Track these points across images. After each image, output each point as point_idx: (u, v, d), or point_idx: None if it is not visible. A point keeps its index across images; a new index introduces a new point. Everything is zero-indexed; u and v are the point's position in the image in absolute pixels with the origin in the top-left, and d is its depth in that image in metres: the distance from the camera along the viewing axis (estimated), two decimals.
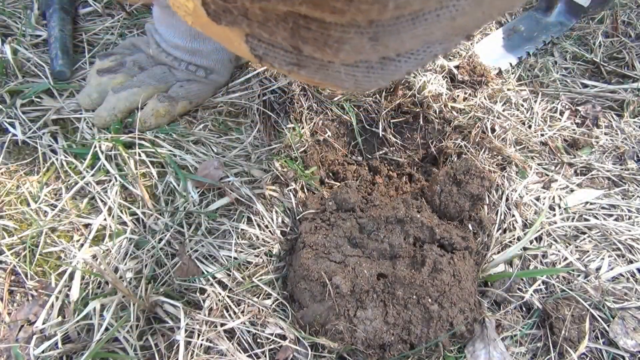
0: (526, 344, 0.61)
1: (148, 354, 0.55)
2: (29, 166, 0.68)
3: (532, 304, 0.63)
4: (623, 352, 0.59)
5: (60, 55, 0.75)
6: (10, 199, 0.65)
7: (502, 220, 0.70)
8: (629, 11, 1.04)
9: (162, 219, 0.63)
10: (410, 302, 0.57)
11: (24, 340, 0.56)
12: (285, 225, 0.67)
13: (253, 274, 0.62)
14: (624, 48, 0.97)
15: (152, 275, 0.60)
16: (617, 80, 0.93)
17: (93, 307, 0.57)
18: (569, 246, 0.68)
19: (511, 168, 0.76)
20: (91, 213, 0.65)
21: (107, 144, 0.68)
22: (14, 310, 0.59)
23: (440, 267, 0.59)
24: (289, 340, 0.57)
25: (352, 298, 0.58)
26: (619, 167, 0.79)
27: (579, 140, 0.81)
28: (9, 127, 0.70)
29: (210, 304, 0.59)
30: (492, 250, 0.66)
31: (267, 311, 0.59)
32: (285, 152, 0.74)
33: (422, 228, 0.63)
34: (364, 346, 0.56)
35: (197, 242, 0.63)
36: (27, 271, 0.60)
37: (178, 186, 0.66)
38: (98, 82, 0.72)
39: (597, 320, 0.61)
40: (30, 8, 0.84)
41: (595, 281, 0.64)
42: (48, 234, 0.62)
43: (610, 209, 0.73)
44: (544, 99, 0.88)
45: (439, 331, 0.57)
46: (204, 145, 0.72)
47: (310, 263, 0.59)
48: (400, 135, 0.85)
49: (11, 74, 0.75)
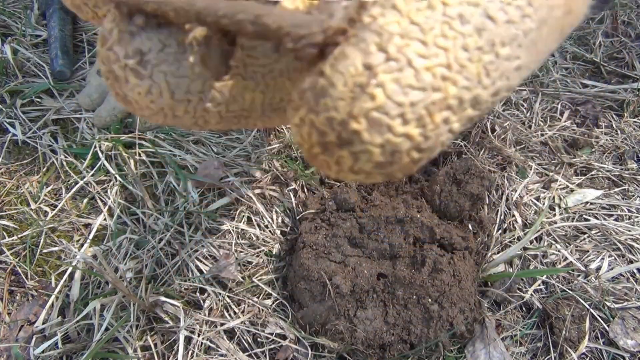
0: (526, 344, 0.61)
1: (148, 354, 0.55)
2: (29, 166, 0.68)
3: (532, 304, 0.63)
4: (623, 352, 0.59)
5: (60, 55, 0.75)
6: (10, 199, 0.65)
7: (502, 220, 0.70)
8: (629, 11, 1.04)
9: (162, 219, 0.63)
10: (410, 302, 0.58)
11: (24, 340, 0.56)
12: (285, 225, 0.67)
13: (253, 274, 0.62)
14: (624, 48, 0.97)
15: (152, 275, 0.60)
16: (617, 80, 0.93)
17: (93, 307, 0.57)
18: (569, 246, 0.68)
19: (511, 168, 0.76)
20: (91, 213, 0.65)
21: (107, 144, 0.68)
22: (14, 310, 0.59)
23: (440, 267, 0.59)
24: (289, 340, 0.57)
25: (352, 298, 0.58)
26: (619, 167, 0.79)
27: (579, 140, 0.81)
28: (9, 127, 0.70)
29: (210, 303, 0.59)
30: (492, 250, 0.66)
31: (267, 311, 0.59)
32: (285, 152, 0.74)
33: (422, 228, 0.63)
34: (364, 346, 0.56)
35: (197, 242, 0.63)
36: (27, 271, 0.60)
37: (178, 186, 0.66)
38: (98, 82, 0.72)
39: (597, 320, 0.61)
40: (30, 8, 0.84)
41: (595, 281, 0.64)
42: (48, 234, 0.62)
43: (610, 209, 0.73)
44: (544, 98, 0.88)
45: (439, 331, 0.57)
46: (204, 145, 0.72)
47: (310, 263, 0.59)
48: None
49: (11, 74, 0.75)
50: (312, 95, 0.16)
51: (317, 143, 0.16)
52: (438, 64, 0.15)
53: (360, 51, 0.15)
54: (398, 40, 0.15)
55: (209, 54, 0.19)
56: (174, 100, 0.20)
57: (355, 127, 0.15)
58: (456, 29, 0.15)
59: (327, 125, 0.16)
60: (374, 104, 0.15)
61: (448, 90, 0.15)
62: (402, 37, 0.15)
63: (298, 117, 0.17)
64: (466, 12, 0.16)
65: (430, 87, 0.15)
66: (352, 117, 0.15)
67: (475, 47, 0.16)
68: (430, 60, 0.15)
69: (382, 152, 0.16)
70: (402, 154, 0.16)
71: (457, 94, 0.15)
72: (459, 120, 0.16)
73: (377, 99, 0.15)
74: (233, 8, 0.17)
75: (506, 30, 0.16)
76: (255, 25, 0.16)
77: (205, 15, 0.17)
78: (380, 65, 0.15)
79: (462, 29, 0.15)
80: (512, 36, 0.16)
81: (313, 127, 0.16)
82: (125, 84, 0.20)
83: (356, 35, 0.16)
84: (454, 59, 0.15)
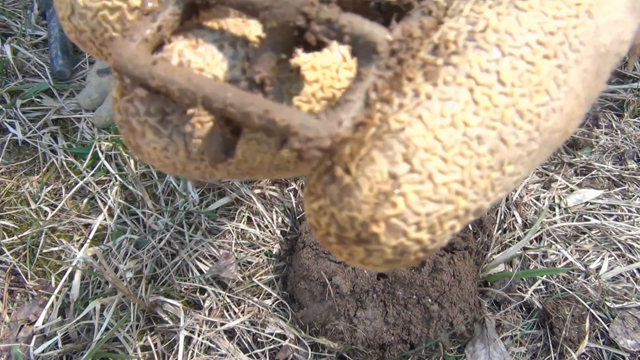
0: (526, 344, 0.61)
1: (148, 354, 0.56)
2: (29, 166, 0.68)
3: (532, 304, 0.63)
4: (623, 352, 0.59)
5: (60, 55, 0.75)
6: (10, 199, 0.65)
7: (502, 220, 0.70)
8: None
9: (162, 219, 0.63)
10: (410, 302, 0.58)
11: (24, 340, 0.56)
12: (285, 225, 0.67)
13: (253, 274, 0.62)
14: None
15: (152, 275, 0.60)
16: (617, 80, 0.93)
17: (93, 307, 0.57)
18: (569, 246, 0.68)
19: None
20: (91, 213, 0.65)
21: (107, 144, 0.68)
22: (14, 310, 0.59)
23: (440, 267, 0.59)
24: (289, 340, 0.57)
25: (352, 298, 0.58)
26: (619, 167, 0.79)
27: (579, 140, 0.81)
28: (9, 127, 0.70)
29: (210, 303, 0.59)
30: (492, 250, 0.66)
31: (267, 311, 0.59)
32: None
33: None
34: (364, 346, 0.56)
35: (197, 242, 0.63)
36: (27, 271, 0.60)
37: (178, 186, 0.66)
38: (98, 82, 0.72)
39: (597, 320, 0.61)
40: (30, 8, 0.84)
41: (595, 281, 0.64)
42: (48, 234, 0.62)
43: (610, 209, 0.73)
44: None
45: (439, 331, 0.57)
46: None
47: (310, 263, 0.59)
48: None
49: (11, 74, 0.75)
50: (337, 190, 0.17)
51: (334, 235, 0.17)
52: (454, 180, 0.16)
53: (387, 159, 0.16)
54: (422, 154, 0.16)
55: (210, 139, 0.19)
56: (188, 160, 0.20)
57: (374, 230, 0.16)
58: (473, 149, 0.17)
59: (348, 223, 0.17)
60: (395, 211, 0.16)
61: (459, 203, 0.17)
62: (426, 151, 0.16)
63: (317, 205, 0.18)
64: (483, 134, 0.17)
65: (445, 200, 0.16)
66: (373, 221, 0.16)
67: (487, 166, 0.17)
68: (448, 176, 0.16)
69: (393, 252, 0.17)
70: (410, 254, 0.17)
71: (466, 207, 0.17)
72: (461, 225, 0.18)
73: (398, 207, 0.16)
74: (242, 99, 0.17)
75: (514, 152, 0.18)
76: (262, 120, 0.16)
77: (213, 101, 0.17)
78: (404, 176, 0.16)
79: (478, 149, 0.17)
80: (518, 156, 0.18)
81: (333, 219, 0.17)
82: (141, 138, 0.20)
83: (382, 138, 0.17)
84: (468, 177, 0.17)
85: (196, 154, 0.20)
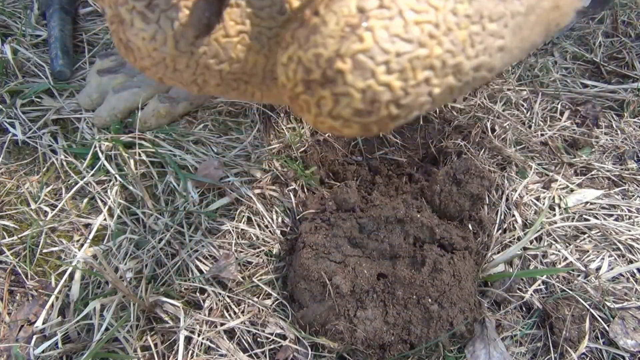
0: (526, 344, 0.61)
1: (148, 354, 0.56)
2: (29, 166, 0.68)
3: (532, 304, 0.63)
4: (623, 352, 0.59)
5: (60, 55, 0.75)
6: (10, 199, 0.65)
7: (502, 220, 0.70)
8: (629, 11, 1.04)
9: (162, 219, 0.63)
10: (410, 302, 0.58)
11: (24, 340, 0.56)
12: (285, 225, 0.67)
13: (253, 274, 0.62)
14: (624, 48, 0.97)
15: (152, 275, 0.60)
16: (617, 80, 0.92)
17: (93, 307, 0.57)
18: (569, 246, 0.68)
19: (511, 168, 0.76)
20: (91, 213, 0.65)
21: (107, 144, 0.68)
22: (14, 310, 0.59)
23: (440, 267, 0.59)
24: (289, 340, 0.57)
25: (352, 298, 0.58)
26: (619, 167, 0.79)
27: (579, 140, 0.81)
28: (9, 127, 0.70)
29: (210, 304, 0.59)
30: (492, 250, 0.66)
31: (267, 311, 0.59)
32: (285, 152, 0.74)
33: (422, 228, 0.63)
34: (364, 346, 0.56)
35: (197, 242, 0.63)
36: (27, 271, 0.60)
37: (178, 186, 0.66)
38: (98, 82, 0.72)
39: (597, 320, 0.61)
40: (30, 8, 0.84)
41: (595, 281, 0.64)
42: (48, 234, 0.62)
43: (610, 209, 0.73)
44: (544, 98, 0.88)
45: (439, 331, 0.57)
46: (204, 145, 0.72)
47: (310, 263, 0.59)
48: (400, 136, 0.85)
49: (11, 74, 0.75)
50: (304, 32, 0.16)
51: (301, 80, 0.17)
52: (427, 20, 0.15)
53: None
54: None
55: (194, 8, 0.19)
56: (177, 50, 0.20)
57: (340, 66, 0.16)
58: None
59: (313, 62, 0.16)
60: (362, 46, 0.15)
61: (433, 49, 0.16)
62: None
63: (286, 56, 0.17)
64: None
65: (417, 41, 0.15)
66: (338, 56, 0.15)
67: (465, 14, 0.16)
68: (421, 15, 0.15)
69: (363, 99, 0.16)
70: (381, 104, 0.16)
71: (441, 56, 0.16)
72: (439, 85, 0.16)
73: (365, 42, 0.15)
74: None
75: (495, 6, 0.16)
76: None
77: None
78: (373, 10, 0.15)
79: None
80: (500, 14, 0.17)
81: (300, 63, 0.16)
82: (129, 28, 0.19)
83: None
84: (443, 20, 0.16)
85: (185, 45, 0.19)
